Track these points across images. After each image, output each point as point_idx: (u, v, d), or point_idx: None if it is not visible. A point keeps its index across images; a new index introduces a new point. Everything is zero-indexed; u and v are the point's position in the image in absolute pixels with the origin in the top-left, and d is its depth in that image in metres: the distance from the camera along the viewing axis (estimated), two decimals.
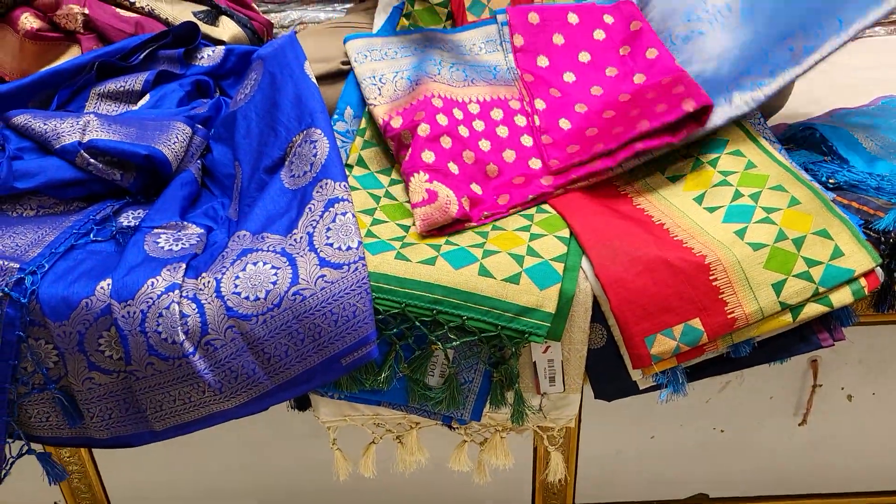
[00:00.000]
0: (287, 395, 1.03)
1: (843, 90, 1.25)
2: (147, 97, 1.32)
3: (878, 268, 1.04)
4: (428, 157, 1.10)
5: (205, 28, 1.48)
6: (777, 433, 1.35)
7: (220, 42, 1.50)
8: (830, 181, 1.17)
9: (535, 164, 1.16)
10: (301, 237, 1.03)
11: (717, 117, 1.13)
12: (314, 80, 1.17)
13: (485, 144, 1.15)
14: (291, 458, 1.37)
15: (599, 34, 1.29)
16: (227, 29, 1.54)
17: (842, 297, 1.03)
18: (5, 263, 1.03)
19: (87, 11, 1.42)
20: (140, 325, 0.99)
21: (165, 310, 0.98)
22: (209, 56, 1.41)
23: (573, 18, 1.30)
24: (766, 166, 1.12)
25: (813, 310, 1.03)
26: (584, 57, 1.28)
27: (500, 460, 1.19)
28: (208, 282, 1.00)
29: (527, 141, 1.18)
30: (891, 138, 1.25)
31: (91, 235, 1.11)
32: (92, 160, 1.14)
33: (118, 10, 1.47)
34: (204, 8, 1.55)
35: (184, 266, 1.02)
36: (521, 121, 1.20)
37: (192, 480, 1.41)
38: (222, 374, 1.00)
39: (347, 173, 1.15)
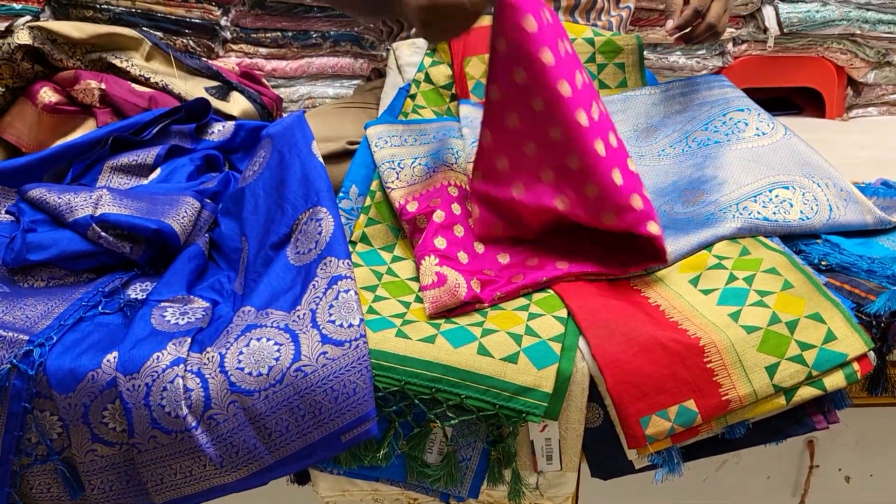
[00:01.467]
0: (287, 470, 1.04)
1: (839, 169, 1.29)
2: (158, 171, 1.36)
3: (871, 352, 1.06)
4: (440, 242, 1.13)
5: (216, 103, 1.53)
6: None
7: (231, 116, 1.54)
8: (823, 263, 1.19)
9: None
10: (304, 314, 1.05)
11: (725, 228, 1.18)
12: (321, 160, 1.20)
13: None
14: None
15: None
16: (237, 104, 1.59)
17: (835, 380, 1.04)
18: (15, 335, 1.05)
19: (104, 86, 1.47)
20: (144, 398, 1.00)
21: (170, 384, 1.00)
22: (220, 131, 1.45)
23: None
24: (759, 251, 1.14)
25: (807, 393, 1.04)
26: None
27: None
28: (212, 356, 1.02)
29: None
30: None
31: (99, 308, 1.12)
32: (103, 233, 1.17)
33: (133, 84, 1.52)
34: (216, 83, 1.60)
35: (189, 340, 1.04)
36: None
37: None
38: (224, 448, 1.02)
39: (351, 249, 1.18)
